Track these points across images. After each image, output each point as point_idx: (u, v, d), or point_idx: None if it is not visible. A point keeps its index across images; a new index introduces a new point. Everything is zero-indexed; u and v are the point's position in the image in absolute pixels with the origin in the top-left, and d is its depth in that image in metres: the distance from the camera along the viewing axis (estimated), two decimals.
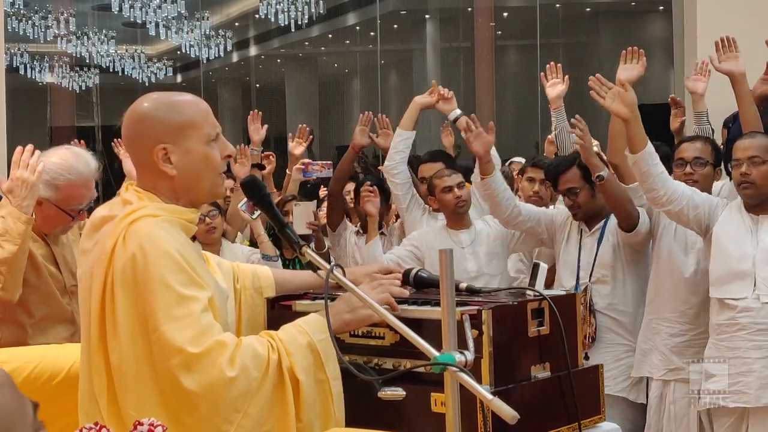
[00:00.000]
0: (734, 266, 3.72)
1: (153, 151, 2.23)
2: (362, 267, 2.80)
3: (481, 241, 4.56)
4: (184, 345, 2.06)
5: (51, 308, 3.43)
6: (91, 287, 2.19)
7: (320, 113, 17.82)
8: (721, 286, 3.75)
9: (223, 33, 16.82)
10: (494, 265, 4.54)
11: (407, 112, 4.89)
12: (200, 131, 2.26)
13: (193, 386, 2.06)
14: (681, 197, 3.81)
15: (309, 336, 2.19)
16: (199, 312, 2.11)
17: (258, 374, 2.10)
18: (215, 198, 2.43)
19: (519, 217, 4.37)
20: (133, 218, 2.17)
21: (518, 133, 14.39)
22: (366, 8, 15.97)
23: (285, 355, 2.15)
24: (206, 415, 2.07)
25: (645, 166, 3.77)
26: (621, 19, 15.39)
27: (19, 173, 3.16)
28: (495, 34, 14.98)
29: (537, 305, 2.39)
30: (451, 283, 1.89)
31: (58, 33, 16.22)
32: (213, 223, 4.88)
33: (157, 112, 2.26)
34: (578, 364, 2.51)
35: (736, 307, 3.69)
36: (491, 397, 1.76)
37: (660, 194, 3.79)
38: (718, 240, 3.78)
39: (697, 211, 3.83)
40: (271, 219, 2.35)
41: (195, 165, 2.25)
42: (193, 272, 2.15)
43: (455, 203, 4.52)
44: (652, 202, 3.89)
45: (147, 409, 2.08)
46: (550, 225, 4.43)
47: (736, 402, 3.68)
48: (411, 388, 2.17)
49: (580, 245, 4.30)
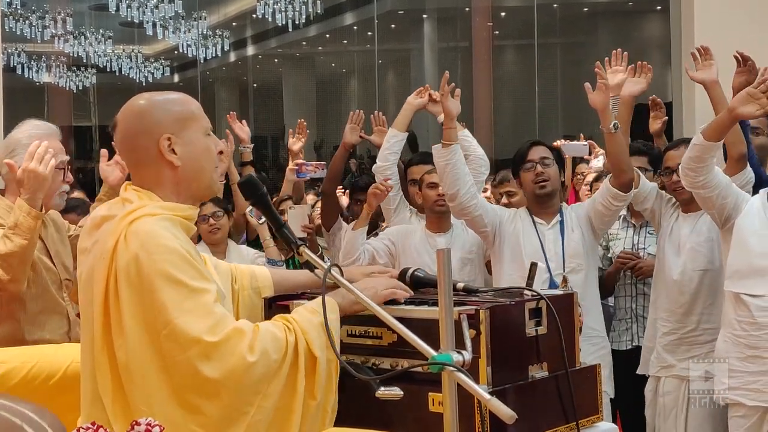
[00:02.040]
0: (755, 262, 3.69)
1: (159, 141, 2.25)
2: (360, 267, 2.81)
3: (456, 246, 4.49)
4: (202, 335, 2.08)
5: (46, 302, 3.45)
6: (93, 286, 2.20)
7: (318, 113, 17.81)
8: (738, 281, 3.71)
9: (221, 33, 16.81)
10: (467, 272, 4.49)
11: (401, 113, 4.86)
12: (199, 123, 2.31)
13: (214, 374, 2.08)
14: (716, 186, 3.80)
15: (320, 316, 2.22)
16: (212, 302, 2.14)
17: (278, 356, 2.15)
18: (213, 193, 2.44)
19: (473, 200, 4.18)
20: (133, 217, 2.18)
21: (516, 133, 14.39)
22: (363, 8, 15.97)
23: (301, 334, 2.20)
24: (228, 402, 2.10)
25: (707, 153, 3.75)
26: (618, 19, 15.39)
27: (33, 165, 3.19)
28: (492, 33, 14.97)
29: (534, 305, 2.40)
30: (448, 282, 1.89)
31: (55, 33, 16.21)
32: (217, 224, 4.90)
33: (158, 104, 2.30)
34: (576, 363, 2.51)
35: (751, 303, 3.66)
36: (489, 396, 1.76)
37: (699, 178, 3.79)
38: (740, 233, 3.75)
39: (725, 201, 3.82)
40: (268, 218, 2.36)
41: (197, 155, 2.29)
42: (199, 265, 2.18)
43: (434, 200, 4.48)
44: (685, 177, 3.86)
45: (157, 403, 2.10)
46: (494, 218, 4.27)
47: (756, 401, 3.65)
48: (408, 388, 2.17)
49: (540, 239, 4.20)
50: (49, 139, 3.37)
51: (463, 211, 4.22)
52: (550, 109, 14.35)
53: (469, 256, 4.54)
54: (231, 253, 4.92)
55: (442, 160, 4.19)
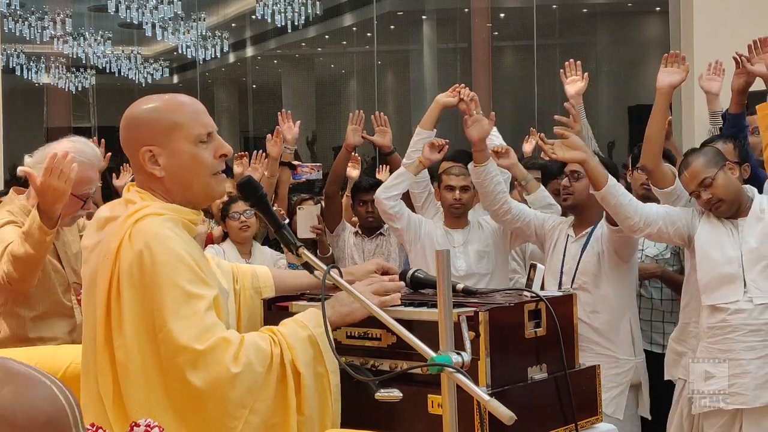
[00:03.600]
0: (721, 270, 3.72)
1: (139, 153, 2.26)
2: (360, 266, 2.80)
3: (473, 240, 4.59)
4: (190, 342, 2.08)
5: (51, 303, 3.48)
6: (96, 286, 2.20)
7: (317, 114, 17.81)
8: (711, 293, 3.74)
9: (220, 34, 16.80)
10: (484, 264, 4.56)
11: (429, 111, 4.71)
12: (186, 132, 2.27)
13: (199, 383, 2.08)
14: (656, 218, 3.83)
15: (309, 329, 2.22)
16: (204, 310, 2.13)
17: (262, 369, 2.13)
18: (213, 199, 2.45)
19: (508, 215, 4.37)
20: (138, 217, 2.19)
21: (515, 134, 14.38)
22: (363, 9, 15.95)
23: (287, 348, 2.18)
24: (213, 414, 2.09)
25: (613, 198, 3.81)
26: (618, 20, 15.39)
27: (50, 181, 3.14)
28: (492, 34, 14.96)
29: (534, 306, 2.40)
30: (448, 284, 1.89)
31: (54, 34, 16.19)
32: (247, 221, 5.03)
33: (143, 115, 2.29)
34: (575, 365, 2.51)
35: (727, 309, 3.69)
36: (488, 398, 1.76)
37: (636, 221, 3.81)
38: (701, 248, 3.78)
39: (675, 226, 3.85)
40: (267, 220, 2.35)
41: (183, 166, 2.27)
42: (199, 270, 2.17)
43: (450, 203, 4.57)
44: (630, 230, 3.89)
45: (154, 406, 2.10)
46: (539, 229, 4.41)
47: (733, 404, 3.68)
48: (408, 390, 2.17)
49: (564, 251, 4.30)
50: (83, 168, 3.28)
51: (503, 225, 4.47)
52: (549, 110, 14.33)
53: (486, 249, 4.60)
54: (255, 253, 5.06)
55: (473, 178, 4.41)
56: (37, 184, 3.17)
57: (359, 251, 5.33)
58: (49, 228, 3.15)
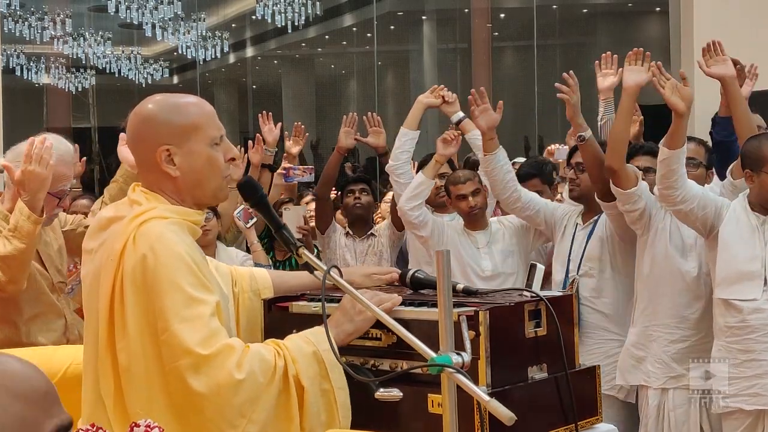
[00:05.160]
0: (742, 267, 3.68)
1: (156, 152, 2.24)
2: (359, 267, 2.80)
3: (497, 240, 4.62)
4: (194, 346, 2.07)
5: (42, 305, 3.46)
6: (99, 287, 2.19)
7: (317, 114, 17.81)
8: (727, 287, 3.69)
9: (220, 34, 16.79)
10: (510, 263, 4.59)
11: (412, 111, 4.84)
12: (204, 133, 2.27)
13: (200, 388, 2.07)
14: (693, 197, 3.78)
15: (314, 345, 2.20)
16: (209, 315, 2.12)
17: (264, 380, 2.12)
18: (220, 200, 2.44)
19: (518, 203, 4.41)
20: (143, 219, 2.18)
21: (515, 134, 14.39)
22: (363, 9, 15.95)
23: (291, 362, 2.17)
24: (211, 417, 2.08)
25: (675, 163, 3.75)
26: (618, 20, 15.40)
27: (32, 167, 3.15)
28: (492, 35, 14.97)
29: (534, 306, 2.39)
30: (448, 284, 1.89)
31: (54, 34, 16.19)
32: (207, 225, 4.90)
33: (161, 113, 2.27)
34: (575, 365, 2.51)
35: (743, 308, 3.64)
36: (488, 398, 1.76)
37: (676, 193, 3.77)
38: (724, 240, 3.73)
39: (705, 211, 3.79)
40: (267, 220, 2.35)
41: (198, 167, 2.26)
42: (202, 275, 2.17)
43: (468, 211, 4.59)
44: (665, 199, 3.83)
45: (155, 408, 2.09)
46: (549, 217, 4.44)
47: (754, 404, 3.64)
48: (408, 390, 2.17)
49: (573, 239, 4.32)
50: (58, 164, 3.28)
51: (514, 212, 4.51)
52: (549, 110, 14.32)
53: (510, 249, 4.62)
54: (220, 254, 4.94)
55: (483, 167, 4.47)
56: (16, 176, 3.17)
57: (351, 252, 5.34)
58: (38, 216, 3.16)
